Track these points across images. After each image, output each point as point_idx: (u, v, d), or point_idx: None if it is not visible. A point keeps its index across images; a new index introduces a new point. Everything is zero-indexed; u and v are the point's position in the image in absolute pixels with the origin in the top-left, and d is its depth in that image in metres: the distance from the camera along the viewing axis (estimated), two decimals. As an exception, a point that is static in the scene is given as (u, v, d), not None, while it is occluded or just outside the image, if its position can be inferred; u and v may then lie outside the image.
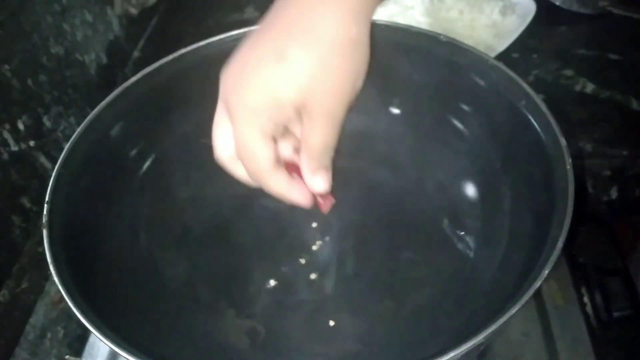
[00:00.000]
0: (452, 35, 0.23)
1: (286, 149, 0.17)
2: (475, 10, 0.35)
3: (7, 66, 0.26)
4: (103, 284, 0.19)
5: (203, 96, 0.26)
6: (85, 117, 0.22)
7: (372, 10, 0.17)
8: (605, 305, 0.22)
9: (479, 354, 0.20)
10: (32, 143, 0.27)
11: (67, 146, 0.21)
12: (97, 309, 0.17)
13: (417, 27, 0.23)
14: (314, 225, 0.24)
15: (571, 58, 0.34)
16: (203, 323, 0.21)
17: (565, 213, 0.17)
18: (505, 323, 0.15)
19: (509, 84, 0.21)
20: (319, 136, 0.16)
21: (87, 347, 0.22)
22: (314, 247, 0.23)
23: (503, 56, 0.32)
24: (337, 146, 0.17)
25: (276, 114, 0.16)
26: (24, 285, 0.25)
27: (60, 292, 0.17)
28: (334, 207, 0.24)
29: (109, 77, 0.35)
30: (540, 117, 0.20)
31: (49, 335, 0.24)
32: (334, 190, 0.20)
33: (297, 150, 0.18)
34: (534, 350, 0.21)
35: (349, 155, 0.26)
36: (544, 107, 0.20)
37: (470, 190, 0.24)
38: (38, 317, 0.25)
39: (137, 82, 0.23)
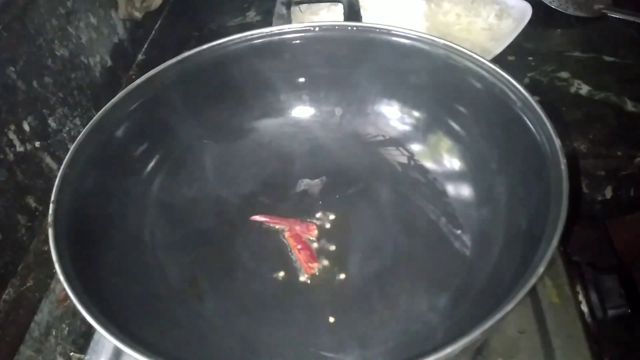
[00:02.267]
0: (449, 39, 0.23)
1: None
2: (472, 14, 0.36)
3: (12, 68, 0.26)
4: (108, 281, 0.20)
5: (206, 98, 0.26)
6: (90, 118, 0.23)
7: None
8: (600, 303, 0.22)
9: (475, 350, 0.20)
10: (37, 144, 0.28)
11: (72, 147, 0.21)
12: (102, 307, 0.17)
13: (415, 31, 0.24)
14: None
15: (566, 60, 0.34)
16: (207, 320, 0.21)
17: (560, 212, 0.17)
18: (501, 320, 0.15)
19: (504, 86, 0.22)
20: None
21: (92, 344, 0.22)
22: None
23: (499, 59, 0.33)
24: None
25: None
26: (29, 283, 0.25)
27: (65, 290, 0.17)
28: (333, 206, 0.25)
29: (113, 79, 0.35)
30: (536, 119, 0.20)
31: (53, 332, 0.24)
32: (332, 188, 0.21)
33: None
34: (529, 347, 0.21)
35: (348, 154, 0.27)
36: (539, 109, 0.20)
37: (467, 190, 0.24)
38: (43, 314, 0.25)
39: (141, 84, 0.24)
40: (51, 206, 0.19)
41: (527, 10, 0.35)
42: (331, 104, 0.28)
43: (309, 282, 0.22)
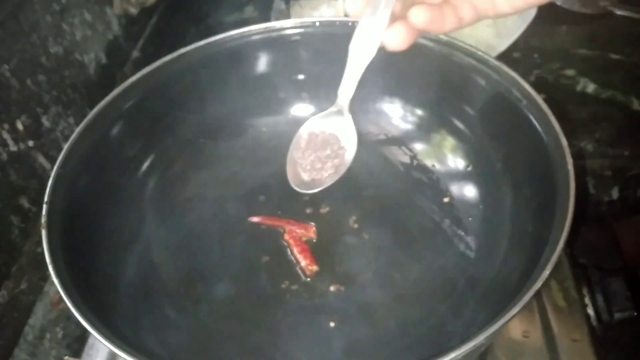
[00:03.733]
0: (453, 35, 0.23)
1: None
2: (476, 10, 0.35)
3: (6, 66, 0.26)
4: (102, 284, 0.19)
5: (202, 96, 0.26)
6: (84, 117, 0.22)
7: None
8: (606, 306, 0.22)
9: (480, 354, 0.20)
10: (31, 143, 0.27)
11: (66, 146, 0.21)
12: (96, 310, 0.17)
13: (417, 27, 0.23)
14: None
15: (572, 58, 0.34)
16: (203, 324, 0.21)
17: (566, 213, 0.17)
18: (506, 324, 0.15)
19: (510, 84, 0.21)
20: None
21: (86, 348, 0.22)
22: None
23: (504, 56, 0.32)
24: None
25: None
26: (23, 286, 0.25)
27: (59, 292, 0.17)
28: (333, 207, 0.24)
29: (108, 76, 0.35)
30: (542, 117, 0.20)
31: (47, 336, 0.24)
32: (332, 188, 0.20)
33: None
34: (534, 351, 0.21)
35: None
36: (545, 107, 0.20)
37: (472, 190, 0.24)
38: (37, 317, 0.25)
39: (136, 81, 0.23)
40: (44, 207, 0.19)
41: (532, 7, 0.34)
42: (331, 102, 0.27)
43: (308, 285, 0.22)
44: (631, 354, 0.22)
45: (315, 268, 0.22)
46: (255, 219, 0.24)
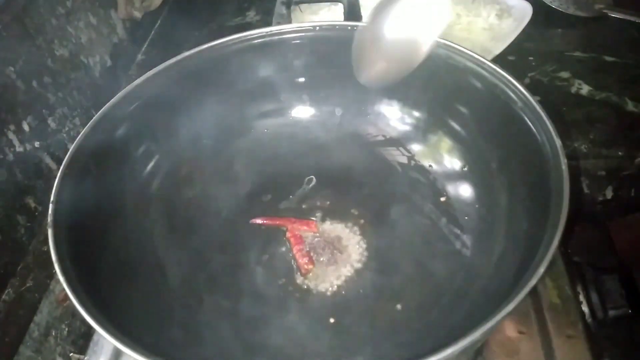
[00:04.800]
0: (450, 39, 0.23)
1: None
2: (472, 14, 0.36)
3: (12, 68, 0.26)
4: (107, 282, 0.20)
5: (206, 98, 0.26)
6: (89, 118, 0.22)
7: None
8: (601, 304, 0.22)
9: (475, 350, 0.20)
10: (37, 144, 0.28)
11: (72, 147, 0.21)
12: (102, 307, 0.17)
13: (415, 31, 0.24)
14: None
15: (567, 60, 0.34)
16: (207, 321, 0.21)
17: (560, 212, 0.17)
18: (501, 321, 0.15)
19: (505, 86, 0.22)
20: None
21: (92, 345, 0.22)
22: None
23: (500, 59, 0.33)
24: None
25: None
26: (29, 283, 0.25)
27: (64, 290, 0.17)
28: (333, 206, 0.25)
29: (113, 79, 0.35)
30: (536, 119, 0.20)
31: (53, 333, 0.24)
32: (332, 188, 0.21)
33: None
34: (530, 347, 0.21)
35: (348, 154, 0.27)
36: (539, 109, 0.20)
37: (467, 190, 0.24)
38: (42, 315, 0.25)
39: (141, 84, 0.24)
40: (50, 206, 0.19)
41: (528, 10, 0.35)
42: (331, 104, 0.28)
43: (308, 283, 0.22)
44: (625, 350, 0.22)
45: (311, 267, 0.22)
46: (256, 221, 0.25)
